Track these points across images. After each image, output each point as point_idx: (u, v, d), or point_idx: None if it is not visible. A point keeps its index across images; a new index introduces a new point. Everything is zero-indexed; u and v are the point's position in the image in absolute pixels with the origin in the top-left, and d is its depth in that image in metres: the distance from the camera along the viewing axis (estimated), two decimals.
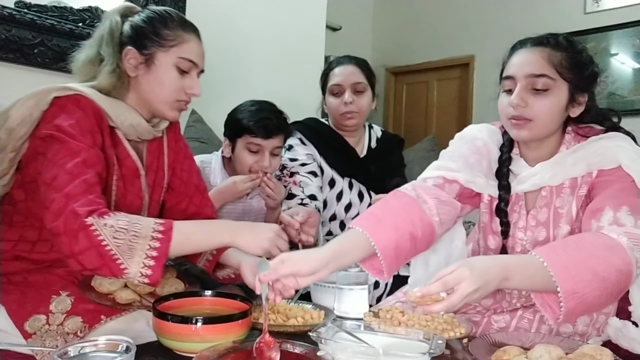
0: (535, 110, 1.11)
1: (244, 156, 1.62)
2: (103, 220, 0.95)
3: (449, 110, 4.90)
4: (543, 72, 1.11)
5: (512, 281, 0.94)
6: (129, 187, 1.18)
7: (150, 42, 1.14)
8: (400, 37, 5.17)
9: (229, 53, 2.52)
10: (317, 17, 2.98)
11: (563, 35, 1.16)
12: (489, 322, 1.19)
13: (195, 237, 1.07)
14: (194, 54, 1.19)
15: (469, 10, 4.66)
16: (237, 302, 1.10)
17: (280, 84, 2.56)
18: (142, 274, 0.95)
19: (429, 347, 0.94)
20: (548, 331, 1.14)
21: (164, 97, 1.17)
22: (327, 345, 0.93)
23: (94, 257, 0.93)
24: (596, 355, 0.94)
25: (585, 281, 0.92)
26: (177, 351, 0.96)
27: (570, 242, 1.02)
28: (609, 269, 0.94)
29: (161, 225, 0.99)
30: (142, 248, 0.95)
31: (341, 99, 1.78)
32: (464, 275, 0.88)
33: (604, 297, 0.95)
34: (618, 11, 3.88)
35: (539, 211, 1.19)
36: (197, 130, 2.23)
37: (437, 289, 0.89)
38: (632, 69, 3.87)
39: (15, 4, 1.85)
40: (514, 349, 0.96)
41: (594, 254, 0.95)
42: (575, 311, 0.94)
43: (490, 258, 1.01)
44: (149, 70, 1.15)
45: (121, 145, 1.16)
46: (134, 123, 1.16)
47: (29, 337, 0.99)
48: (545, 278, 0.92)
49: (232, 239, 1.09)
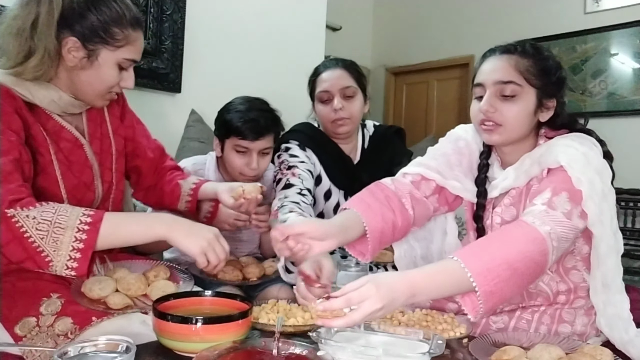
0: (504, 116, 1.15)
1: (233, 158, 1.59)
2: (26, 211, 0.94)
3: (449, 110, 4.90)
4: (510, 78, 1.14)
5: (419, 297, 0.94)
6: (73, 158, 1.16)
7: (98, 39, 1.09)
8: (400, 37, 5.18)
9: (228, 53, 2.52)
10: (317, 17, 2.98)
11: (530, 43, 1.20)
12: (487, 323, 1.19)
13: (127, 228, 1.04)
14: (138, 53, 1.16)
15: (469, 10, 4.66)
16: (237, 302, 1.09)
17: (281, 84, 2.56)
18: (68, 266, 0.94)
19: (429, 347, 0.94)
20: (547, 332, 1.15)
21: (99, 91, 1.15)
22: (327, 345, 0.93)
23: (17, 249, 0.93)
24: (596, 355, 0.94)
25: (504, 280, 0.95)
26: (177, 351, 0.96)
27: (494, 238, 1.05)
28: (528, 263, 0.98)
29: (89, 217, 0.98)
30: (68, 240, 0.94)
31: (330, 105, 1.67)
32: (369, 293, 0.87)
33: (519, 288, 1.02)
34: (618, 11, 3.88)
35: (504, 210, 1.22)
36: (197, 130, 2.23)
37: (340, 305, 0.87)
38: (632, 69, 3.87)
39: None
40: (514, 349, 0.96)
41: (514, 249, 0.98)
42: (493, 307, 0.99)
43: (397, 275, 1.00)
44: (89, 65, 1.10)
45: (52, 120, 1.14)
46: (54, 98, 1.12)
47: (19, 340, 0.97)
48: (462, 280, 0.94)
49: (168, 233, 1.04)
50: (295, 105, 2.04)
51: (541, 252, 1.00)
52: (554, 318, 1.17)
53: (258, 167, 1.59)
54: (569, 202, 1.05)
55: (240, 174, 1.60)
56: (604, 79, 3.97)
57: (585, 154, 1.10)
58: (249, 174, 1.59)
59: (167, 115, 2.29)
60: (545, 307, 1.20)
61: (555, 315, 1.17)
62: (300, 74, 2.08)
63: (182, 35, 2.32)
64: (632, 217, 3.48)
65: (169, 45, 2.27)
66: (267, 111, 1.61)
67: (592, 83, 4.02)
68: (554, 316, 1.17)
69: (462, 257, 0.96)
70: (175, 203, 1.41)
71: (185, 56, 2.34)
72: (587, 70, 4.05)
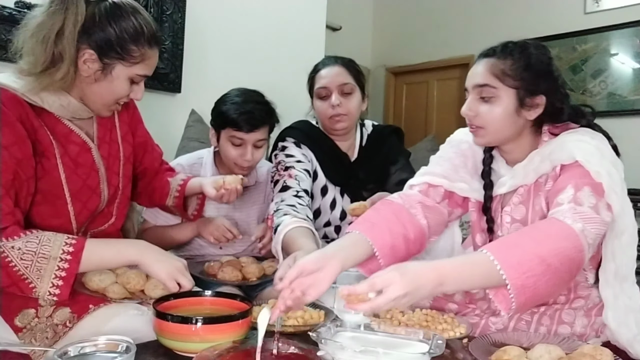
0: (484, 118, 1.17)
1: (228, 148, 1.62)
2: (11, 242, 0.99)
3: (449, 110, 4.90)
4: (485, 82, 1.16)
5: (447, 286, 0.94)
6: (80, 162, 1.18)
7: (114, 54, 1.10)
8: (400, 37, 5.18)
9: (229, 53, 2.52)
10: (317, 17, 2.98)
11: (514, 42, 1.20)
12: (486, 324, 1.19)
13: (103, 254, 1.09)
14: (151, 69, 1.18)
15: (469, 10, 4.66)
16: (237, 302, 1.09)
17: (281, 84, 2.56)
18: (51, 293, 1.00)
19: (429, 347, 0.94)
20: (546, 333, 1.14)
21: (107, 102, 1.17)
22: (327, 345, 0.93)
23: (3, 277, 0.98)
24: (596, 355, 0.94)
25: (537, 275, 0.93)
26: (177, 351, 0.96)
27: (525, 234, 1.03)
28: (563, 260, 0.95)
29: (71, 246, 1.03)
30: (51, 269, 1.00)
31: (328, 101, 1.69)
32: (393, 279, 0.88)
33: (556, 286, 0.98)
34: (618, 11, 3.87)
35: (513, 209, 1.22)
36: (197, 131, 2.23)
37: (364, 289, 0.89)
38: (632, 69, 3.87)
39: (15, 3, 1.85)
40: (514, 349, 0.96)
41: (547, 245, 0.96)
42: (527, 303, 0.96)
43: (425, 264, 0.97)
44: (103, 77, 1.12)
45: (61, 124, 1.15)
46: (63, 104, 1.13)
47: (19, 332, 1.00)
48: (492, 273, 0.93)
49: (139, 257, 1.11)
50: (295, 105, 2.04)
51: (576, 248, 0.97)
52: (553, 319, 1.17)
53: (252, 158, 1.62)
54: (593, 195, 1.04)
55: (235, 165, 1.63)
56: (604, 79, 3.97)
57: (598, 147, 1.10)
58: (243, 164, 1.62)
59: (167, 115, 2.29)
60: (544, 307, 1.19)
61: (554, 317, 1.17)
62: (300, 73, 2.08)
63: (182, 35, 2.32)
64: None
65: (169, 45, 2.27)
66: (262, 103, 1.64)
67: (592, 83, 4.02)
68: (553, 317, 1.17)
69: (492, 250, 0.95)
70: (164, 199, 1.48)
71: (185, 56, 2.34)
72: (587, 70, 4.05)
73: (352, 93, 1.70)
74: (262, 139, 1.63)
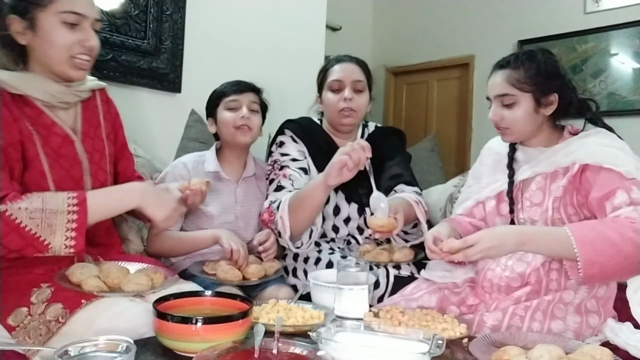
0: (508, 121, 1.36)
1: (226, 116, 1.70)
2: (16, 204, 1.01)
3: (449, 110, 4.90)
4: (505, 92, 1.35)
5: (528, 245, 1.18)
6: (62, 153, 1.19)
7: (28, 5, 1.12)
8: (400, 37, 5.17)
9: (229, 53, 2.52)
10: (317, 17, 2.98)
11: (522, 52, 1.38)
12: (481, 320, 1.22)
13: (107, 201, 1.13)
14: (78, 5, 1.16)
15: (469, 10, 4.65)
16: (237, 302, 1.10)
17: (281, 84, 2.56)
18: (67, 245, 1.03)
19: (429, 347, 0.94)
20: (540, 328, 1.19)
21: (57, 56, 1.16)
22: (327, 345, 0.93)
23: (16, 239, 1.00)
24: (596, 355, 0.95)
25: (607, 255, 1.11)
26: (177, 351, 0.96)
27: (603, 223, 1.18)
28: (634, 250, 1.11)
29: (74, 199, 1.06)
30: (61, 222, 1.03)
31: (341, 95, 1.73)
32: (482, 235, 1.17)
33: (625, 270, 1.13)
34: (618, 11, 3.87)
35: (532, 194, 1.38)
36: (197, 131, 2.23)
37: (458, 244, 1.17)
38: (632, 69, 3.86)
39: None
40: (514, 349, 0.96)
41: (622, 236, 1.12)
42: (595, 277, 1.14)
43: (511, 227, 1.30)
44: (36, 34, 1.14)
45: (43, 114, 1.17)
46: (47, 89, 1.15)
47: (13, 330, 1.01)
48: (567, 246, 1.13)
49: (141, 202, 1.17)
50: (295, 104, 2.04)
51: None
52: (546, 314, 1.22)
53: (250, 117, 1.69)
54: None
55: (235, 130, 1.68)
56: (604, 79, 3.97)
57: (621, 148, 1.27)
58: (241, 123, 1.67)
59: (167, 115, 2.29)
60: (537, 301, 1.23)
61: (547, 312, 1.22)
62: (300, 73, 2.08)
63: (182, 35, 2.31)
64: None
65: (169, 45, 2.27)
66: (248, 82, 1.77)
67: (592, 83, 4.02)
68: (546, 312, 1.22)
69: (571, 227, 1.17)
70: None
71: (185, 56, 2.34)
72: (587, 70, 4.05)
73: (363, 91, 1.76)
74: (255, 102, 1.73)
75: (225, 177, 1.73)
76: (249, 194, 1.77)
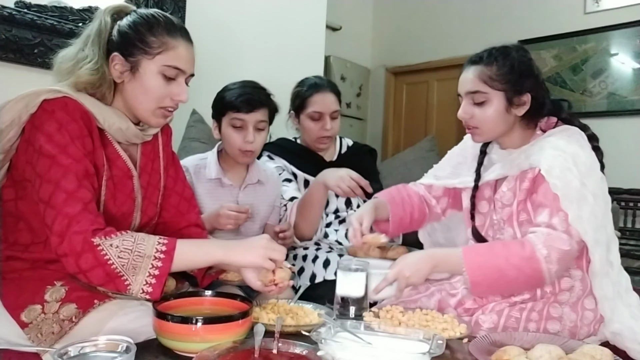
0: (478, 119, 1.31)
1: (230, 134, 1.65)
2: (109, 240, 1.00)
3: (449, 110, 4.89)
4: (476, 89, 1.29)
5: (440, 267, 1.26)
6: (120, 188, 1.18)
7: (136, 49, 1.12)
8: (400, 37, 5.17)
9: (229, 53, 2.52)
10: (317, 17, 2.98)
11: (496, 48, 1.32)
12: (477, 322, 1.22)
13: (193, 256, 1.10)
14: (181, 61, 1.17)
15: (469, 11, 4.65)
16: (237, 302, 1.10)
17: (281, 84, 2.55)
18: (144, 290, 1.01)
19: (429, 347, 0.94)
20: (536, 329, 1.19)
21: (147, 104, 1.16)
22: (327, 345, 0.93)
23: (100, 274, 0.99)
24: (596, 355, 0.95)
25: (492, 279, 1.19)
26: (177, 351, 0.96)
27: (495, 247, 1.26)
28: (518, 275, 1.18)
29: (164, 246, 1.04)
30: (145, 267, 1.01)
31: (321, 124, 1.89)
32: (399, 267, 1.23)
33: (512, 290, 1.25)
34: (618, 11, 3.87)
35: (502, 195, 1.35)
36: (197, 131, 2.23)
37: (382, 284, 1.24)
38: (632, 69, 3.87)
39: (15, 4, 1.85)
40: (514, 349, 0.96)
41: (508, 261, 1.19)
42: (482, 293, 1.25)
43: (421, 252, 1.34)
44: (133, 77, 1.14)
45: (111, 146, 1.16)
46: (122, 127, 1.15)
47: (26, 327, 1.01)
48: (461, 268, 1.22)
49: (225, 256, 1.11)
50: None
51: (534, 269, 1.17)
52: (542, 315, 1.21)
53: (254, 140, 1.64)
54: (564, 221, 1.19)
55: (239, 152, 1.65)
56: (604, 79, 3.97)
57: (573, 155, 1.21)
58: (246, 148, 1.64)
59: None
60: (532, 303, 1.23)
61: (543, 312, 1.22)
62: (300, 73, 2.08)
63: None
64: (632, 217, 3.47)
65: None
66: (260, 88, 1.70)
67: (592, 83, 4.02)
68: (542, 313, 1.21)
69: (465, 251, 1.24)
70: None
71: None
72: (587, 70, 4.05)
73: (338, 118, 1.94)
74: (262, 121, 1.66)
75: (227, 182, 1.71)
76: (252, 200, 1.75)
